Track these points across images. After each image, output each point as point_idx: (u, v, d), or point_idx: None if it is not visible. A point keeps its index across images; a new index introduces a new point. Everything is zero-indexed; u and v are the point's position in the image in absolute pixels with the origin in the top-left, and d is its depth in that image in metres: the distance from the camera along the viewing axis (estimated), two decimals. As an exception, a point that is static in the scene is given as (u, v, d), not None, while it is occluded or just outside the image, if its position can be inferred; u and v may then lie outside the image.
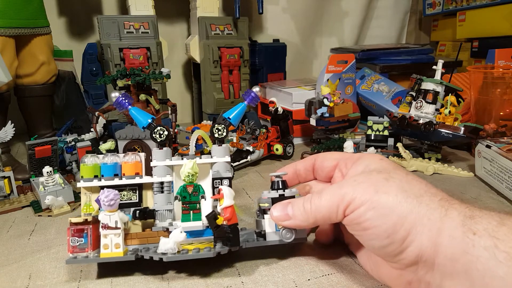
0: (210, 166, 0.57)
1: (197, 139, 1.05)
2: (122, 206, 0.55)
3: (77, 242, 0.51)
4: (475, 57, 1.42)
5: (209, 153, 0.58)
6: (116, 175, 0.56)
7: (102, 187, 0.54)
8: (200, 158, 0.56)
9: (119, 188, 0.55)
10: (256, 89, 0.61)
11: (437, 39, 1.71)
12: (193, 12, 1.26)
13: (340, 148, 0.98)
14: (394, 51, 1.46)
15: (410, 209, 0.40)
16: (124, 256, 0.51)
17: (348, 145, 0.94)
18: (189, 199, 0.53)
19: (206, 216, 0.50)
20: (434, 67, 0.95)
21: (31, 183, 0.82)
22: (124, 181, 0.55)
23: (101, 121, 1.05)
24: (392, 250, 0.41)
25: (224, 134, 0.58)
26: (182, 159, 0.57)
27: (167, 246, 0.49)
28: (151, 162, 0.56)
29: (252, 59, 1.36)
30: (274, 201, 0.52)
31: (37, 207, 0.76)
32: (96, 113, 0.86)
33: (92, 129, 0.99)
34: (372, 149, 0.99)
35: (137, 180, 0.56)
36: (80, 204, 0.77)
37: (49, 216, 0.74)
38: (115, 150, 0.81)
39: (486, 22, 1.34)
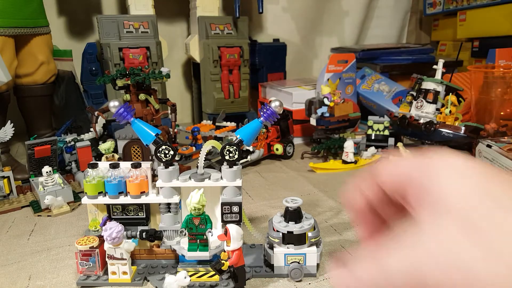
0: (220, 189, 0.54)
1: (197, 138, 1.05)
2: (129, 224, 0.55)
3: (86, 265, 0.52)
4: (475, 57, 1.42)
5: (220, 169, 0.54)
6: (121, 193, 0.54)
7: (107, 218, 0.54)
8: (205, 179, 0.53)
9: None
10: (274, 104, 0.53)
11: (437, 39, 1.70)
12: (193, 11, 1.25)
13: (341, 148, 0.97)
14: (395, 51, 1.45)
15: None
16: (132, 282, 0.52)
17: (349, 145, 0.94)
18: (196, 230, 0.50)
19: (211, 266, 0.49)
20: (434, 66, 0.95)
21: (30, 183, 0.82)
22: (129, 201, 0.54)
23: (101, 121, 1.05)
24: None
25: (236, 156, 0.53)
26: (190, 179, 0.53)
27: (171, 286, 0.48)
28: (156, 182, 0.54)
29: (252, 59, 1.36)
30: (284, 236, 0.51)
31: (36, 207, 0.75)
32: (96, 113, 0.85)
33: (91, 129, 0.99)
34: (372, 148, 0.98)
35: (142, 200, 0.55)
36: (79, 204, 0.78)
37: (48, 216, 0.73)
38: (115, 150, 0.80)
39: (487, 22, 1.34)
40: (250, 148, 0.96)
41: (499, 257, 0.21)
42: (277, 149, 1.01)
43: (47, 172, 0.76)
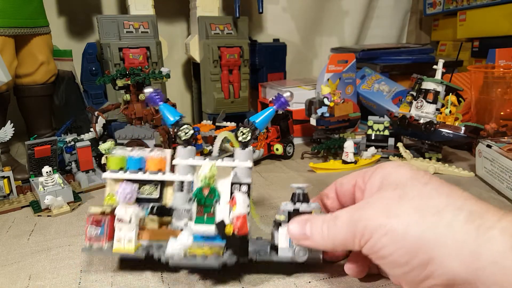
0: (231, 169, 0.55)
1: (197, 138, 1.05)
2: (141, 201, 0.55)
3: (94, 232, 0.52)
4: (475, 57, 1.42)
5: (233, 155, 0.56)
6: (140, 169, 0.56)
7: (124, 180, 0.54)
8: (218, 159, 0.54)
9: (142, 182, 0.56)
10: (286, 94, 0.57)
11: (437, 39, 1.70)
12: (193, 11, 1.25)
13: (341, 148, 0.97)
14: (395, 51, 1.45)
15: (424, 230, 0.37)
16: (134, 253, 0.51)
17: (349, 145, 0.94)
18: (204, 201, 0.51)
19: (216, 225, 0.49)
20: (434, 66, 0.95)
21: (30, 183, 0.82)
22: (145, 176, 0.55)
23: (101, 121, 1.05)
24: (414, 277, 0.38)
25: (249, 138, 0.55)
26: (205, 159, 0.55)
27: (174, 249, 0.48)
28: (173, 160, 0.56)
29: (252, 59, 1.36)
30: (290, 215, 0.50)
31: (36, 207, 0.75)
32: (96, 113, 0.86)
33: (91, 129, 0.99)
34: (372, 148, 0.98)
35: (158, 177, 0.55)
36: (79, 204, 0.78)
37: (48, 216, 0.73)
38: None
39: (487, 22, 1.34)
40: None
41: (410, 202, 0.40)
42: (277, 149, 1.01)
43: (47, 172, 0.76)
